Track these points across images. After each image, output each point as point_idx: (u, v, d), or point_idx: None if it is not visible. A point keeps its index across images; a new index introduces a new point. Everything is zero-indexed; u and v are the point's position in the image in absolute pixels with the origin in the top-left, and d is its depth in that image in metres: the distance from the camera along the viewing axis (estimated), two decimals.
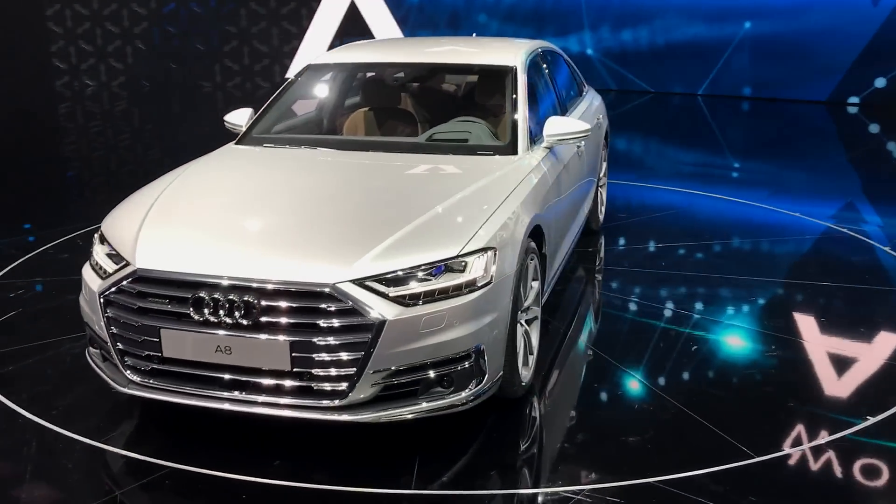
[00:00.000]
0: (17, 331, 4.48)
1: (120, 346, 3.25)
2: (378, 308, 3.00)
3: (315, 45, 14.75)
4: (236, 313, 3.03)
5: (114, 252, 3.35)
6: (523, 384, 3.66)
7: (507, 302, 3.33)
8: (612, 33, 15.50)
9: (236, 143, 4.43)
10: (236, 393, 3.13)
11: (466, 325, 3.15)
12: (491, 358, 3.28)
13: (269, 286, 3.04)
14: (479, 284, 3.20)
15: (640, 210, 7.06)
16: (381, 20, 14.67)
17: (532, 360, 3.85)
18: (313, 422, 3.12)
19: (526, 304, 3.74)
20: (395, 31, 14.72)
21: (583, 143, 4.98)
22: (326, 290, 3.01)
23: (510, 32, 15.86)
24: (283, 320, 3.03)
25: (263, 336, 3.03)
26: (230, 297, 3.03)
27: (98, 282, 3.31)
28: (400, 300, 3.05)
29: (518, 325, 3.65)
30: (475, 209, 3.46)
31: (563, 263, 4.75)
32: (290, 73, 14.39)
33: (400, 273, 3.08)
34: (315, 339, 3.00)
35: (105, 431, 3.48)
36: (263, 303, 3.03)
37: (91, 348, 3.53)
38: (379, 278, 3.06)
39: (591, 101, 5.94)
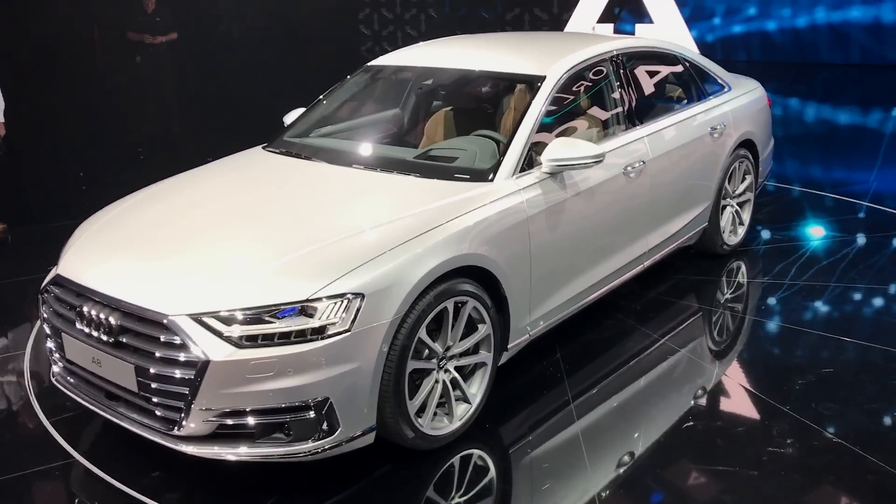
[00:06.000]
0: None
1: (49, 342, 3.56)
2: (206, 347, 2.94)
3: (586, 15, 14.21)
4: (102, 329, 3.16)
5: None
6: (432, 435, 3.37)
7: (376, 351, 3.06)
8: None
9: (263, 147, 4.51)
10: (112, 403, 3.28)
11: (307, 374, 2.96)
12: (348, 410, 3.06)
13: (124, 308, 3.12)
14: (332, 332, 2.98)
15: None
16: None
17: (467, 410, 3.53)
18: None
19: (452, 352, 3.43)
20: (669, 6, 13.63)
21: (638, 164, 4.34)
22: (164, 320, 3.01)
23: (805, 2, 13.99)
24: (133, 343, 3.10)
25: (119, 355, 3.12)
26: (101, 313, 3.16)
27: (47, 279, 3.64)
28: (235, 341, 2.96)
29: (436, 371, 3.38)
30: (370, 245, 3.21)
31: (588, 302, 4.22)
32: None
33: (241, 312, 2.98)
34: (152, 368, 3.03)
35: None
36: (120, 323, 3.12)
37: None
38: (218, 315, 2.99)
39: (709, 107, 5.09)
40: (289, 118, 4.83)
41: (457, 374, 3.48)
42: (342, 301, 3.01)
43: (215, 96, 11.92)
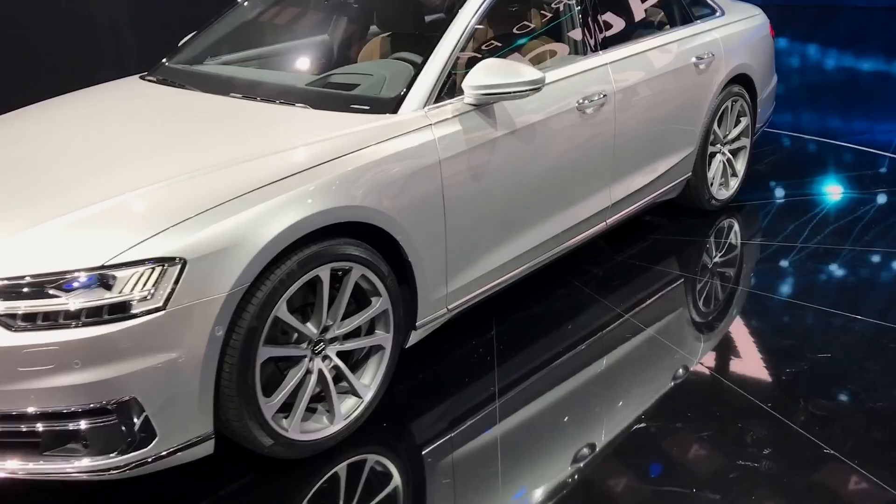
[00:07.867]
0: None
1: None
2: None
3: None
4: None
5: None
6: (301, 441, 2.62)
7: (206, 336, 2.28)
8: None
9: (140, 76, 3.68)
10: None
11: (103, 367, 2.18)
12: (169, 413, 2.29)
13: None
14: (138, 311, 2.20)
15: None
16: None
17: (356, 405, 2.78)
18: None
19: (333, 333, 2.66)
20: None
21: (598, 97, 3.49)
22: None
23: None
24: None
25: None
26: None
27: None
28: (5, 321, 2.19)
29: (308, 359, 2.61)
30: (206, 192, 2.40)
31: (530, 268, 3.42)
32: None
33: (13, 282, 2.20)
34: None
35: None
36: None
37: None
38: None
39: (695, 33, 4.21)
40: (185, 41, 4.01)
41: (340, 362, 2.71)
42: (154, 268, 2.22)
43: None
